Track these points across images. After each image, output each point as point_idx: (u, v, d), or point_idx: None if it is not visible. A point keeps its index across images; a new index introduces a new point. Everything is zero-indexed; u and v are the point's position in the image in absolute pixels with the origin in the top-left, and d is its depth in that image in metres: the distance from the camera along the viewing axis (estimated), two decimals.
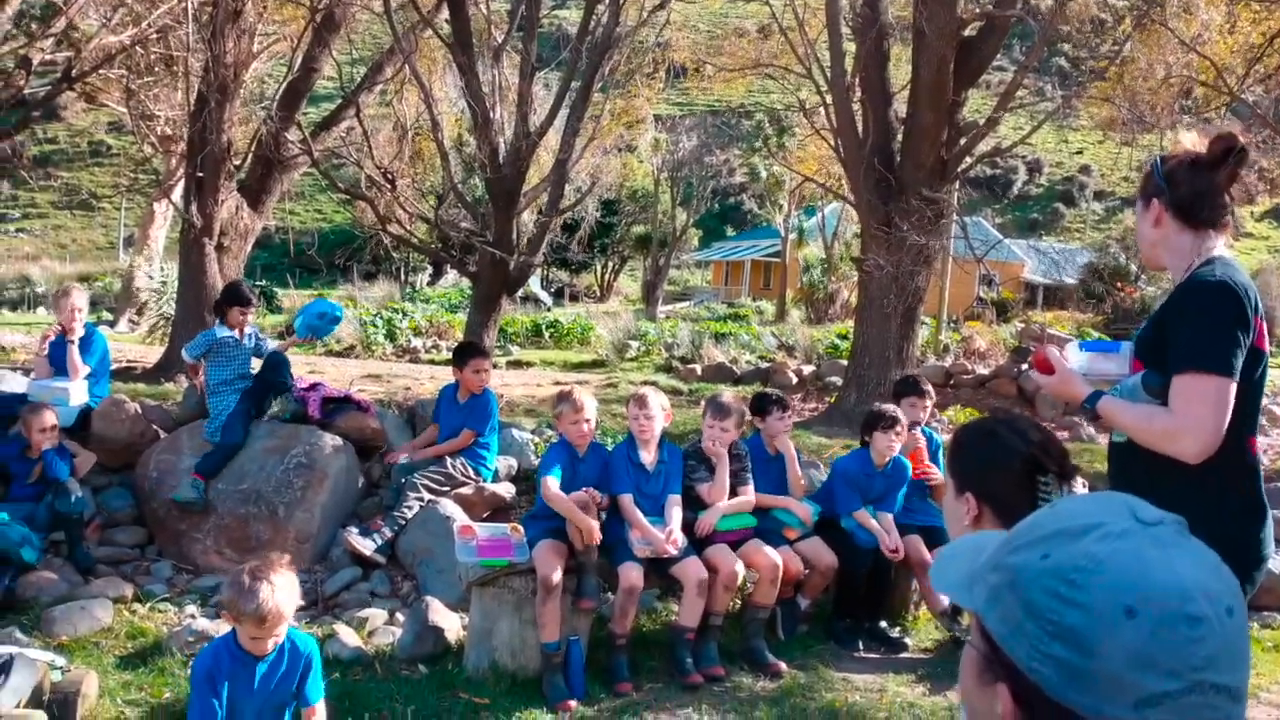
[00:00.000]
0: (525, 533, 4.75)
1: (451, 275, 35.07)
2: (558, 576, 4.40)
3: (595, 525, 4.53)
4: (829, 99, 10.58)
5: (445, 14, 11.19)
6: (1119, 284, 26.41)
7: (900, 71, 11.21)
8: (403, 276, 33.74)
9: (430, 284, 33.98)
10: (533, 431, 7.00)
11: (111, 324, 18.37)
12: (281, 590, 3.01)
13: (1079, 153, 63.26)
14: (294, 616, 3.21)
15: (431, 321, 17.95)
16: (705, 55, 20.40)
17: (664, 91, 22.80)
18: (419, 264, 35.58)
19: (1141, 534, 0.91)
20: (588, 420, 4.80)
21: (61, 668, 4.11)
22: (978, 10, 9.97)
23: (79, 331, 6.29)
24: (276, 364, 6.28)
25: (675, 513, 4.72)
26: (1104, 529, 0.92)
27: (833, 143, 11.25)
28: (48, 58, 12.69)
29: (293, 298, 22.64)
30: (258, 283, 25.43)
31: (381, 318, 17.13)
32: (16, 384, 6.60)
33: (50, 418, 5.53)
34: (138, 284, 19.29)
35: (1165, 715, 0.85)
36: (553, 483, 4.62)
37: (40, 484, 5.48)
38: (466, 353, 6.06)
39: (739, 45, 18.00)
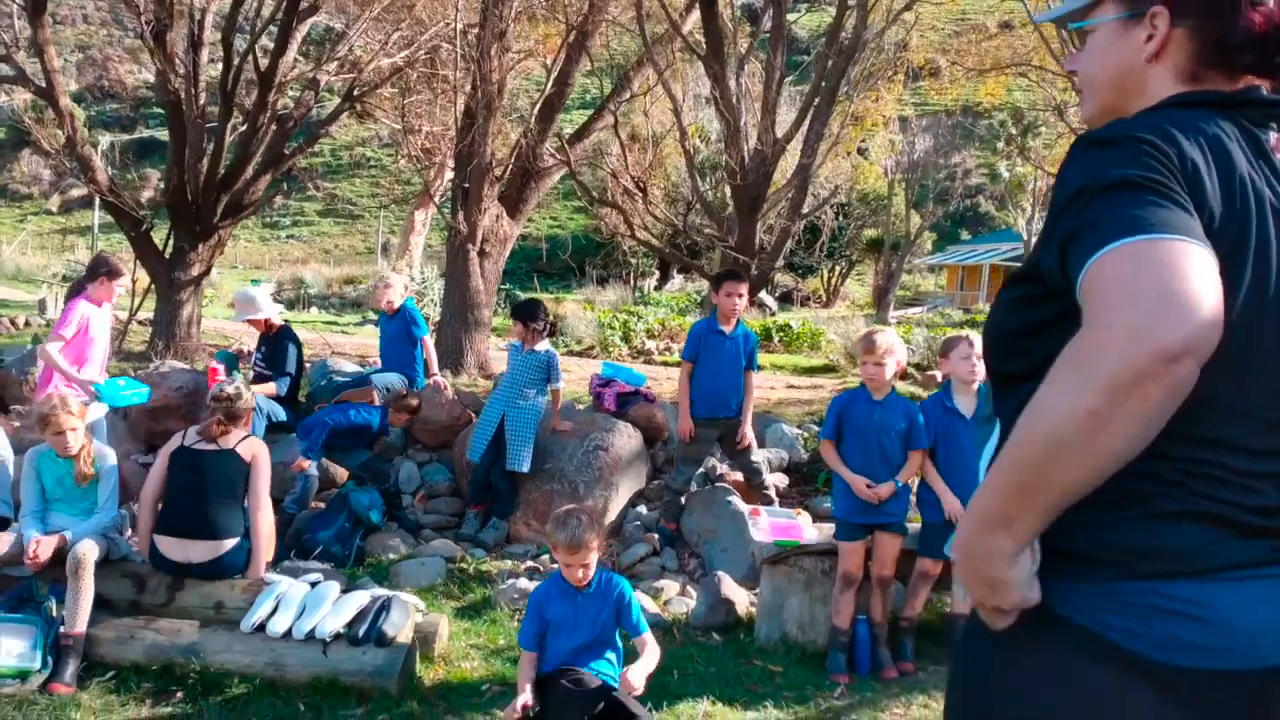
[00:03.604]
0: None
1: (677, 280, 35.66)
2: (859, 573, 4.69)
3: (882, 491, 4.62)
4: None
5: (688, 25, 11.54)
6: None
7: None
8: (632, 281, 34.63)
9: (657, 288, 34.71)
10: (799, 427, 7.26)
11: (376, 323, 19.92)
12: (585, 528, 3.53)
13: None
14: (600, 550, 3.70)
15: (664, 325, 18.41)
16: (944, 55, 19.83)
17: (902, 93, 22.37)
18: (647, 269, 36.41)
19: None
20: (880, 363, 4.66)
21: (421, 611, 4.74)
22: None
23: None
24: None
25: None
26: None
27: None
28: (332, 79, 13.99)
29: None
30: (502, 286, 26.86)
31: (617, 320, 17.74)
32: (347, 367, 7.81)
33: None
34: None
35: None
36: (828, 445, 4.77)
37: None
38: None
39: (984, 43, 17.44)
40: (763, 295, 31.06)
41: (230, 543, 4.52)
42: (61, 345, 5.69)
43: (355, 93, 13.25)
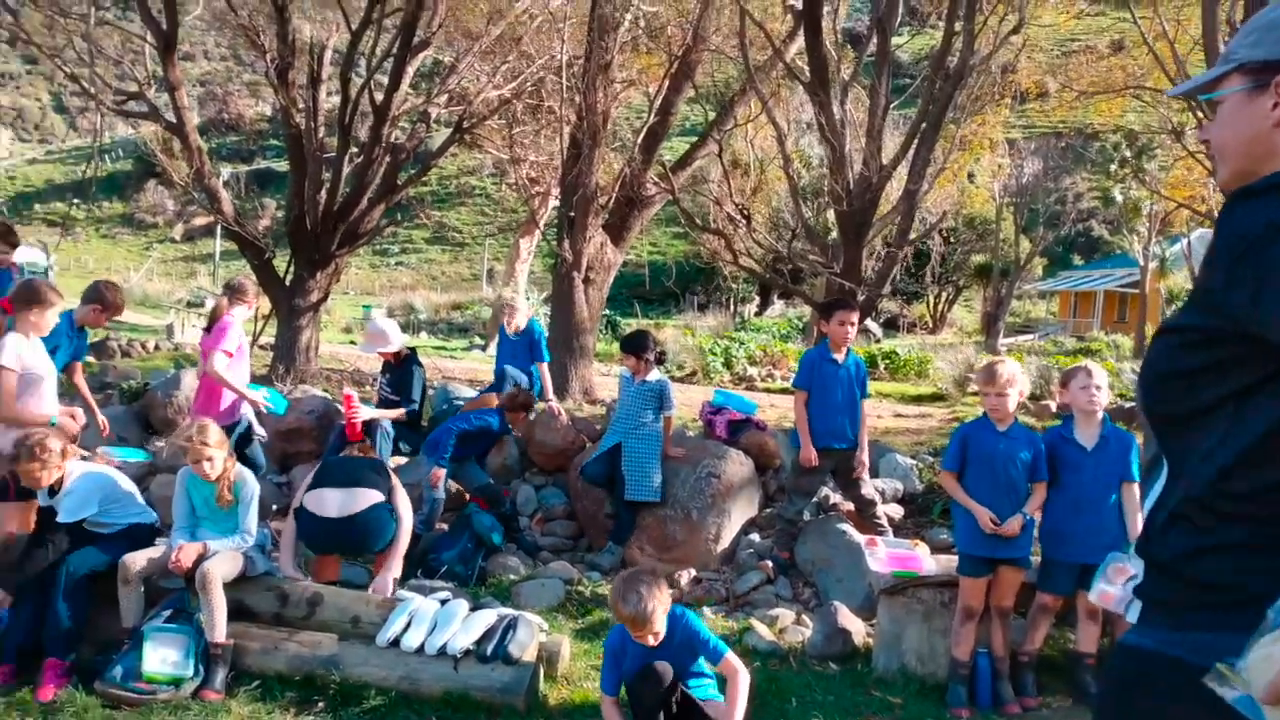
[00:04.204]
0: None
1: (778, 305, 35.54)
2: (981, 607, 4.66)
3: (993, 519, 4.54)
4: (1204, 117, 9.89)
5: (790, 52, 11.58)
6: None
7: None
8: (732, 306, 34.66)
9: (758, 314, 34.66)
10: (914, 457, 7.20)
11: (482, 348, 20.40)
12: (646, 599, 3.57)
13: None
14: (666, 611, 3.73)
15: (765, 351, 18.38)
16: (1053, 77, 19.44)
17: (1008, 116, 21.95)
18: (747, 294, 36.42)
19: None
20: (1003, 393, 4.61)
21: (545, 631, 4.89)
22: None
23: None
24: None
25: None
26: None
27: (1210, 166, 10.49)
28: (442, 111, 14.44)
29: (632, 326, 24.08)
30: (603, 312, 27.26)
31: (719, 345, 17.78)
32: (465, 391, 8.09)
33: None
34: None
35: None
36: (950, 477, 4.73)
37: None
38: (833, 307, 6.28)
39: (1095, 65, 17.08)
40: (867, 321, 30.69)
41: (375, 496, 4.94)
42: (228, 362, 5.95)
43: (464, 124, 13.66)
